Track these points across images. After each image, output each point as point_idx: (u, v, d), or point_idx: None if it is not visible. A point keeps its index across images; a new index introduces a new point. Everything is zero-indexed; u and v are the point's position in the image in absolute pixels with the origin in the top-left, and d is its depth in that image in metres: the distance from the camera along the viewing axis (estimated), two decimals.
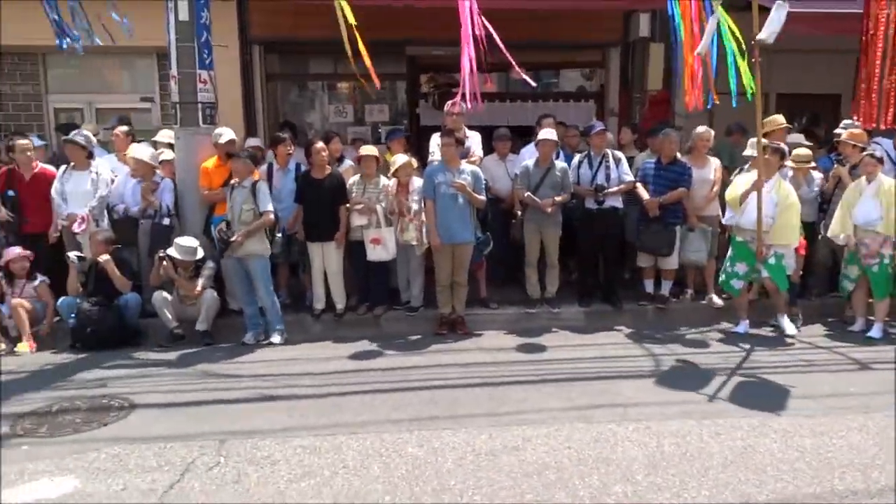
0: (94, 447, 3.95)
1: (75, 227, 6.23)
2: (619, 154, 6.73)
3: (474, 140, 6.75)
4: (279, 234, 6.11)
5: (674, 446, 3.86)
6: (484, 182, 6.29)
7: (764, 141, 5.78)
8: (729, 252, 6.15)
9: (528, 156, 6.82)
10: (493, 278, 6.94)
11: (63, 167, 6.47)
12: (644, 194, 6.47)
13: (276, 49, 9.10)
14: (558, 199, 6.33)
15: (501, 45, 5.53)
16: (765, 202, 5.68)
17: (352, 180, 6.41)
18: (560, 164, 6.47)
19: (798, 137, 7.11)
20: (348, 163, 6.88)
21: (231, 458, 3.78)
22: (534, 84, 6.46)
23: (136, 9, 7.87)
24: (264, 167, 6.56)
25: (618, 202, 6.58)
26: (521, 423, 4.17)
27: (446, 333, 6.22)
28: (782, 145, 6.15)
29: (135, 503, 3.33)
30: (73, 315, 5.93)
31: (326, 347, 5.95)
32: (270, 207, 5.91)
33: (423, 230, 6.18)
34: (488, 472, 3.58)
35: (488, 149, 7.08)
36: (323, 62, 9.66)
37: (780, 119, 6.76)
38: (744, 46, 5.83)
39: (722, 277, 6.19)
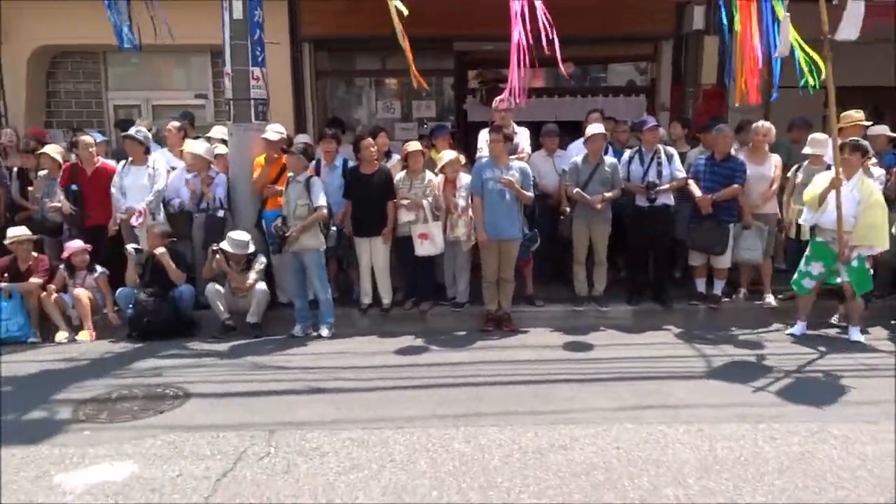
0: (151, 434, 4.08)
1: (133, 221, 6.44)
2: (672, 150, 6.59)
3: (522, 136, 6.71)
4: (332, 229, 6.18)
5: (727, 450, 3.76)
6: (532, 178, 6.24)
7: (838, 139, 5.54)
8: (807, 251, 5.92)
9: (577, 152, 6.74)
10: (539, 275, 6.89)
11: (122, 162, 6.70)
12: (696, 191, 6.31)
13: (326, 46, 9.21)
14: (608, 195, 6.23)
15: (549, 39, 5.47)
16: (846, 201, 5.43)
17: (398, 176, 6.44)
18: (610, 159, 6.37)
19: (882, 129, 6.76)
20: (396, 157, 6.91)
21: (281, 449, 3.85)
22: (569, 79, 6.35)
23: (191, 8, 8.12)
24: (313, 163, 6.64)
25: (669, 199, 6.44)
26: (569, 422, 4.13)
27: (492, 330, 6.20)
28: (863, 142, 5.88)
29: (190, 489, 3.43)
30: (130, 305, 6.14)
31: (373, 342, 6.01)
32: (324, 202, 6.00)
33: (472, 226, 6.16)
34: (535, 470, 3.55)
35: (536, 145, 7.02)
36: (371, 58, 9.75)
37: (856, 115, 6.48)
38: (799, 40, 5.62)
39: (794, 276, 5.98)
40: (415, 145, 6.43)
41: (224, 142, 6.94)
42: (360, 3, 7.70)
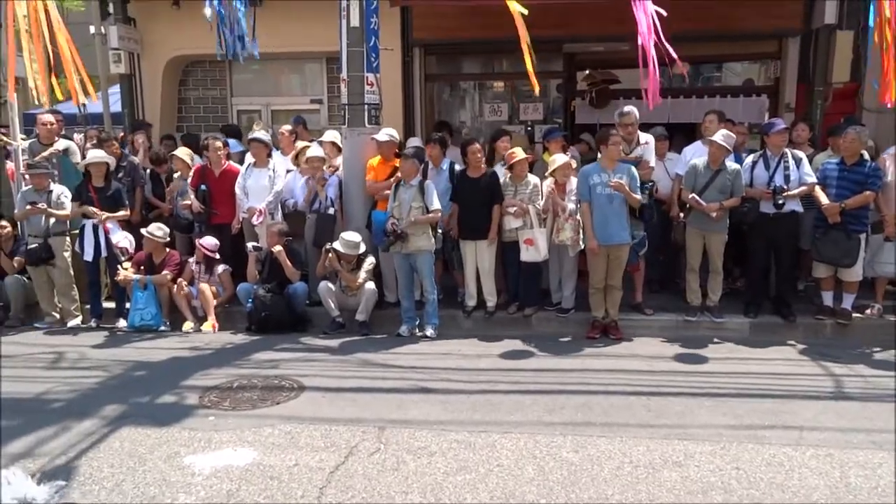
0: (270, 423, 4.29)
1: (254, 220, 6.81)
2: (800, 153, 6.17)
3: (648, 149, 6.43)
4: (439, 231, 6.27)
5: (861, 478, 3.47)
6: (640, 183, 6.04)
7: None
8: None
9: (692, 155, 6.46)
10: (648, 283, 6.66)
11: (246, 164, 7.10)
12: (823, 198, 5.89)
13: (435, 50, 9.36)
14: (726, 203, 5.93)
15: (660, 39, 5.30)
16: None
17: (503, 181, 6.43)
18: (732, 165, 6.04)
19: None
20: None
21: (390, 446, 3.94)
22: (684, 79, 6.09)
23: (307, 18, 8.53)
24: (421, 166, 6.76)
25: (797, 205, 6.03)
26: (683, 438, 3.96)
27: (598, 337, 6.07)
28: None
29: (306, 479, 3.58)
30: (249, 300, 6.49)
31: (477, 344, 6.03)
32: (438, 205, 6.10)
33: (579, 231, 6.06)
34: (648, 485, 3.43)
35: None
36: (478, 62, 9.80)
37: None
38: None
39: None
40: (519, 152, 6.39)
41: (335, 145, 7.20)
42: (469, 7, 7.77)
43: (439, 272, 6.91)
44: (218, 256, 6.86)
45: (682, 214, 6.30)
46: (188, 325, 6.63)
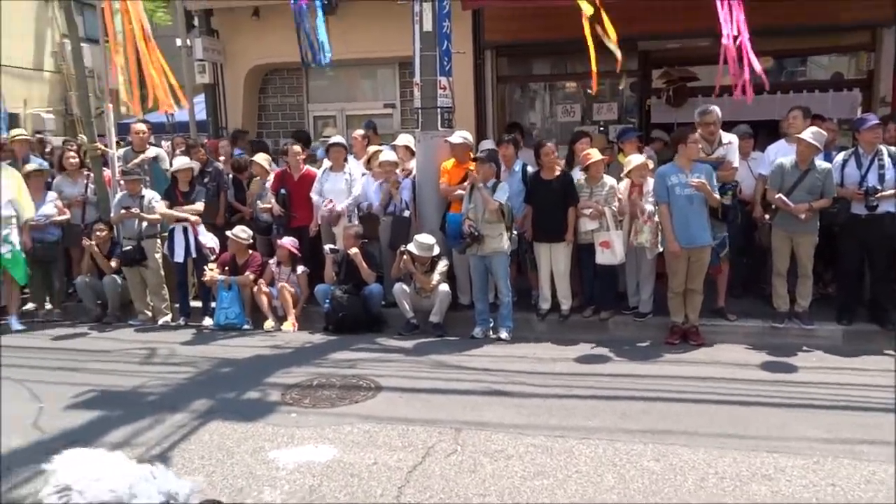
0: (349, 422, 4.39)
1: (326, 207, 6.92)
2: None
3: (732, 148, 6.21)
4: (514, 233, 6.26)
5: None
6: (723, 183, 5.84)
7: None
8: None
9: (775, 154, 6.19)
10: (730, 287, 6.42)
11: (322, 168, 7.30)
12: None
13: (506, 52, 9.34)
14: (816, 204, 5.64)
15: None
16: None
17: (577, 182, 6.35)
18: (822, 164, 5.74)
19: None
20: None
21: (467, 448, 3.95)
22: (766, 75, 5.82)
23: (380, 25, 8.69)
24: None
25: (893, 206, 5.68)
26: (772, 451, 3.79)
27: (677, 343, 5.90)
28: None
29: (385, 478, 3.64)
30: (327, 301, 6.66)
31: (552, 348, 5.98)
32: (503, 200, 6.05)
33: (658, 233, 5.90)
34: (735, 498, 3.31)
35: None
36: (550, 62, 9.70)
37: None
38: None
39: None
40: (596, 154, 6.28)
41: (408, 148, 7.30)
42: (541, 8, 7.71)
43: (514, 274, 6.90)
44: (300, 254, 7.07)
45: (766, 216, 6.04)
46: (269, 324, 6.87)
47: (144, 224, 7.14)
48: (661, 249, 5.98)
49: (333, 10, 8.47)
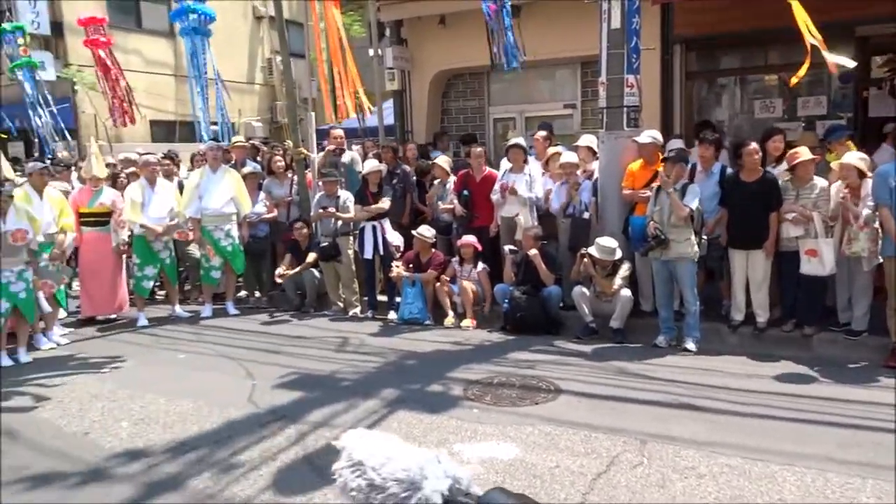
0: (530, 422, 4.40)
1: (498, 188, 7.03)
2: None
3: None
4: (703, 238, 5.90)
5: None
6: None
7: None
8: None
9: None
10: None
11: (503, 170, 7.40)
12: None
13: (695, 46, 8.83)
14: None
15: None
16: None
17: (781, 184, 5.81)
18: None
19: None
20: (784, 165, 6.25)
21: (654, 461, 3.80)
22: None
23: (563, 25, 8.62)
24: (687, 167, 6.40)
25: None
26: None
27: None
28: None
29: (568, 483, 3.60)
30: (506, 300, 6.75)
31: (745, 363, 5.54)
32: (693, 206, 5.74)
33: (878, 240, 5.24)
34: None
35: None
36: (746, 55, 9.00)
37: None
38: None
39: None
40: (805, 153, 5.71)
41: (590, 149, 7.14)
42: None
43: (701, 281, 6.49)
44: (481, 248, 7.24)
45: None
46: (449, 320, 7.11)
47: (339, 222, 7.73)
48: (880, 260, 5.30)
49: (518, 13, 8.55)
